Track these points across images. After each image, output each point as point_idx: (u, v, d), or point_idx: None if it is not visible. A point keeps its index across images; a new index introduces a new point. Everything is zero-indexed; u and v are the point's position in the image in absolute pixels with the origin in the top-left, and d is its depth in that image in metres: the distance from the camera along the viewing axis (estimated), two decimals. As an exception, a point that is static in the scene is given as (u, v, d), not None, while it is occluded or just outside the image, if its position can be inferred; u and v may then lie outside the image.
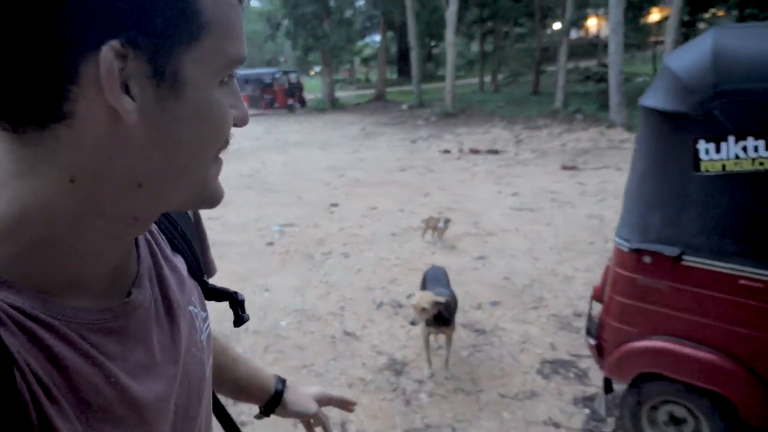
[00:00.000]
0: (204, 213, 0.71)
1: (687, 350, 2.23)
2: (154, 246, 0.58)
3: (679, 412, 2.40)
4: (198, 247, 0.69)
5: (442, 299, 3.08)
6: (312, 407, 0.97)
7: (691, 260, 2.18)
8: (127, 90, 0.39)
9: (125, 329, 0.49)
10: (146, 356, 0.51)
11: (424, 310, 3.04)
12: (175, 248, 0.63)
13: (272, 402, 0.94)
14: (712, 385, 2.20)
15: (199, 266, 0.67)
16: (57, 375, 0.41)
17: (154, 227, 0.61)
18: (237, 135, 0.52)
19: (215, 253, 0.77)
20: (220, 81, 0.45)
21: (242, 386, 0.92)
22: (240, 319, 0.73)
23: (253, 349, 3.68)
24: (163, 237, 0.62)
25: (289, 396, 0.95)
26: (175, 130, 0.43)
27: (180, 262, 0.63)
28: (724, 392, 2.18)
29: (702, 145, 2.05)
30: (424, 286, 3.61)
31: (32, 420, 0.38)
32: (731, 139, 1.99)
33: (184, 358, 0.56)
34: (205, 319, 0.64)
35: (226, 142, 0.50)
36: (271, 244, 5.96)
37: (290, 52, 32.68)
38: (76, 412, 0.42)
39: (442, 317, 3.11)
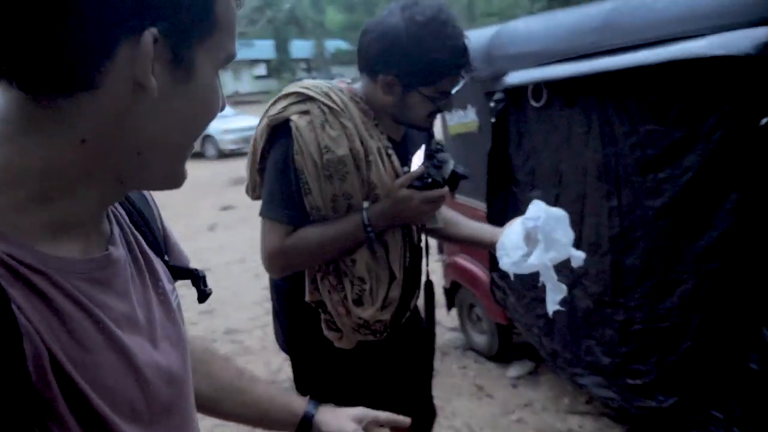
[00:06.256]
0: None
1: (465, 263, 3.05)
2: (117, 215, 0.61)
3: (479, 311, 3.18)
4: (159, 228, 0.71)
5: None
6: (348, 427, 0.87)
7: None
8: (152, 70, 0.46)
9: (109, 281, 0.52)
10: (129, 309, 0.54)
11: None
12: (134, 223, 0.65)
13: (303, 426, 0.86)
14: (474, 288, 2.99)
15: (159, 244, 0.69)
16: (53, 318, 0.45)
17: None
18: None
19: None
20: (216, 72, 0.53)
21: (265, 409, 0.85)
22: (204, 294, 0.73)
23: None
24: (123, 210, 0.64)
25: (322, 416, 0.87)
26: (181, 108, 0.51)
27: (139, 236, 0.64)
28: (478, 294, 2.96)
29: None
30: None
31: (41, 351, 0.42)
32: None
33: (160, 322, 0.58)
34: (173, 291, 0.65)
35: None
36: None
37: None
38: (73, 354, 0.45)
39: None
